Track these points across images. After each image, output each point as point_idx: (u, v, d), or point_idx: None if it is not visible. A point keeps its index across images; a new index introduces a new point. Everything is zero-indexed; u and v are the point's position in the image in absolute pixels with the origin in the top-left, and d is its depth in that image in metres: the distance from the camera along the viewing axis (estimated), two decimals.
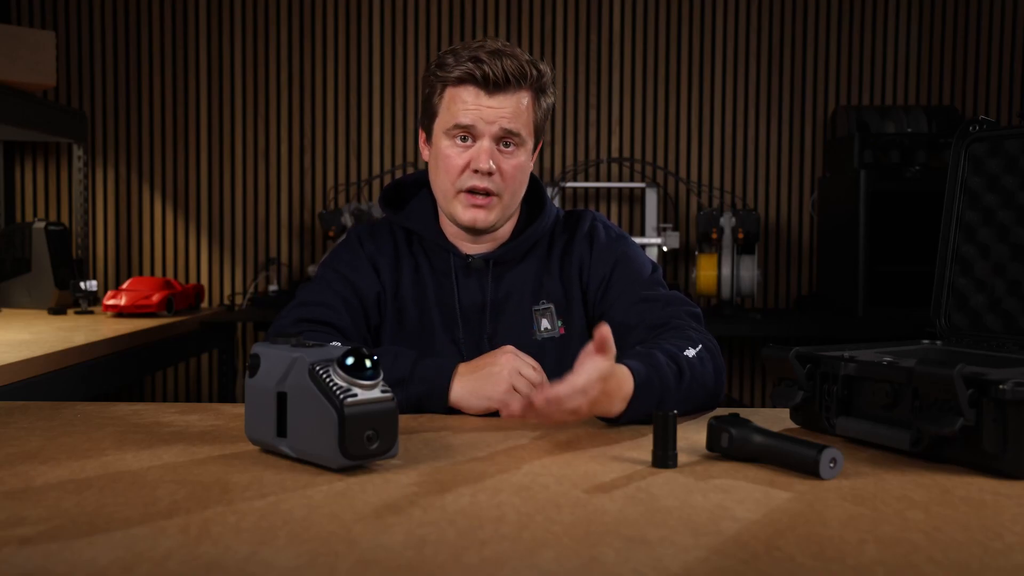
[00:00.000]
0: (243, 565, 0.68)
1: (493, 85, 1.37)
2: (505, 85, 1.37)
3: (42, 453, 1.03)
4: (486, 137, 1.39)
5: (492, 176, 1.39)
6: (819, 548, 0.72)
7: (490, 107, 1.38)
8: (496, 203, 1.42)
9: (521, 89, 1.39)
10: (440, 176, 1.43)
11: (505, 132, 1.39)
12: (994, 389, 0.91)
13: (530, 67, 1.39)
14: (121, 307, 2.77)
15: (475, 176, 1.39)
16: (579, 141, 3.70)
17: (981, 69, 3.72)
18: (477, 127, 1.38)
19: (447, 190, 1.42)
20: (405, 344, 1.46)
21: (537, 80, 1.41)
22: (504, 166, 1.40)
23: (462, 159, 1.40)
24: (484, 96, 1.38)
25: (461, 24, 3.66)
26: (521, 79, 1.38)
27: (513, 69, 1.37)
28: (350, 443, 0.92)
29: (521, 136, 1.40)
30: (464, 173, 1.40)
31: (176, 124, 3.66)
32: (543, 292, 1.48)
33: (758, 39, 3.70)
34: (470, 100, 1.38)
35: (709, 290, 3.29)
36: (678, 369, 1.23)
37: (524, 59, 1.39)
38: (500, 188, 1.41)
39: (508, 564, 0.69)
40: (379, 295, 1.48)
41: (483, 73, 1.36)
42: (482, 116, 1.38)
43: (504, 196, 1.42)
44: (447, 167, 1.41)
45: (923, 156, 3.27)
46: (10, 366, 1.78)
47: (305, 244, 3.69)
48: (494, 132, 1.38)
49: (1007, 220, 1.27)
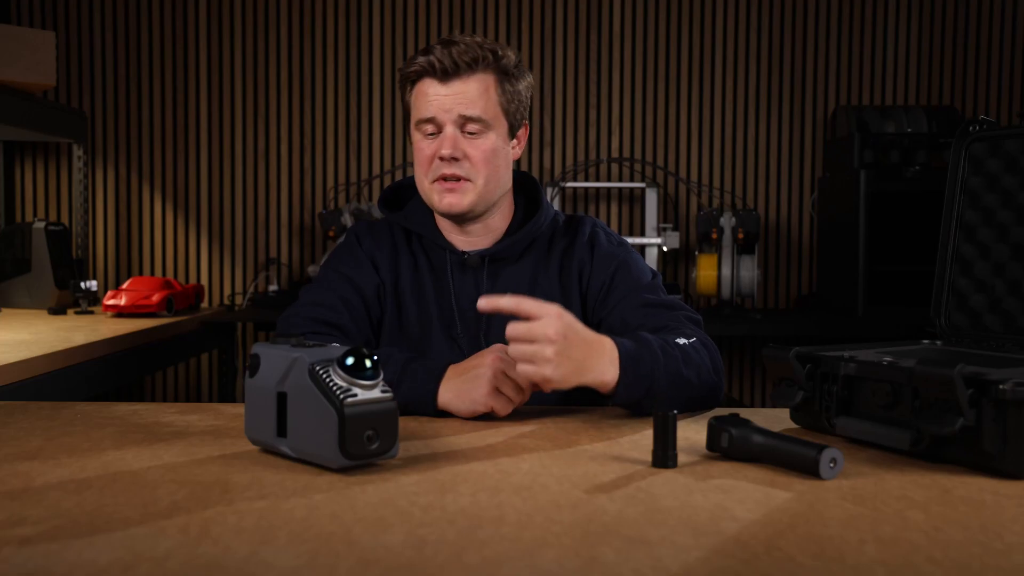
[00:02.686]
0: (243, 565, 0.68)
1: (443, 73, 1.40)
2: (455, 71, 1.40)
3: (42, 453, 1.03)
4: (448, 125, 1.42)
5: (459, 162, 1.42)
6: (819, 548, 0.72)
7: (446, 95, 1.41)
8: (469, 187, 1.43)
9: (476, 73, 1.41)
10: (416, 170, 1.47)
11: (464, 118, 1.41)
12: (994, 389, 0.91)
13: (483, 51, 1.41)
14: (121, 307, 2.77)
15: (442, 164, 1.42)
16: (579, 141, 3.70)
17: (981, 69, 3.72)
18: (438, 117, 1.41)
19: (422, 182, 1.46)
20: (404, 340, 1.47)
21: (495, 62, 1.42)
22: (470, 151, 1.42)
23: (430, 150, 1.43)
24: (439, 85, 1.41)
25: (461, 24, 3.66)
26: (473, 63, 1.41)
27: (463, 54, 1.40)
28: (350, 443, 0.92)
29: (484, 120, 1.42)
30: (433, 163, 1.43)
31: (176, 124, 3.66)
32: (539, 291, 1.48)
33: (758, 39, 3.70)
34: (429, 92, 1.42)
35: (709, 290, 3.28)
36: (667, 350, 1.24)
37: (479, 44, 1.42)
38: (470, 173, 1.43)
39: (508, 564, 0.69)
40: (379, 288, 1.50)
41: (431, 63, 1.40)
42: (440, 105, 1.41)
43: (477, 180, 1.43)
44: (420, 160, 1.45)
45: (923, 156, 3.27)
46: (10, 366, 1.78)
47: (305, 244, 3.69)
48: (453, 119, 1.41)
49: (1007, 220, 1.27)
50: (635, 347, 1.21)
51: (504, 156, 1.46)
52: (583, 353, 1.14)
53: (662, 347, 1.24)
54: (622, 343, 1.21)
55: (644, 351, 1.21)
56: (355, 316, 1.46)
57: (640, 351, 1.21)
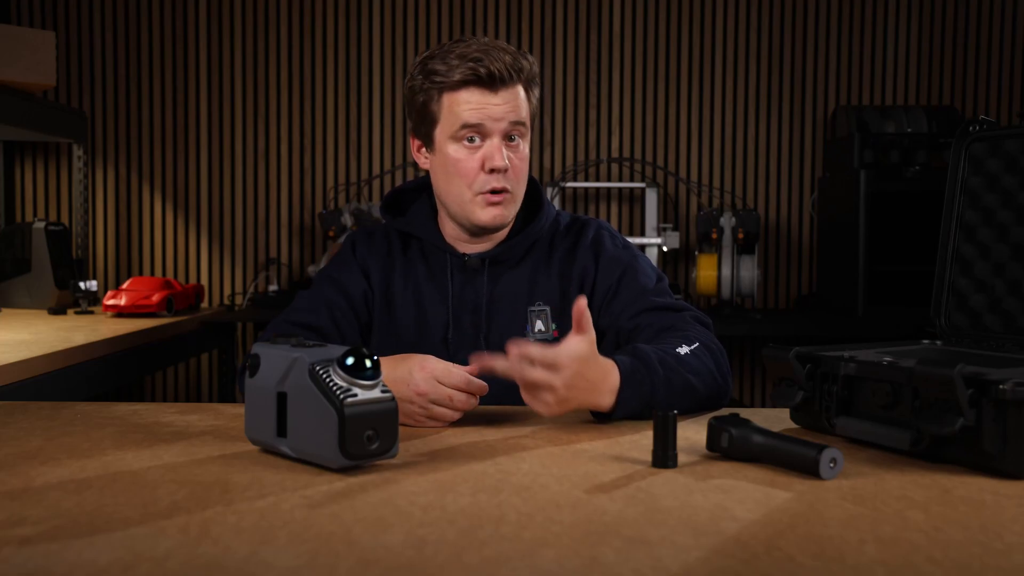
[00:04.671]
0: (243, 565, 0.68)
1: (498, 81, 1.38)
2: (505, 80, 1.39)
3: (42, 453, 1.03)
4: (495, 135, 1.39)
5: (505, 173, 1.41)
6: (819, 548, 0.72)
7: (496, 104, 1.39)
8: (510, 199, 1.43)
9: (517, 82, 1.41)
10: (454, 181, 1.42)
11: (512, 126, 1.40)
12: (994, 389, 0.91)
13: (517, 59, 1.41)
14: (121, 307, 2.77)
15: (492, 177, 1.40)
16: (579, 141, 3.70)
17: (981, 69, 3.72)
18: (485, 125, 1.39)
19: (462, 194, 1.42)
20: (396, 346, 1.46)
21: (529, 71, 1.43)
22: (514, 160, 1.41)
23: (475, 160, 1.40)
24: (489, 94, 1.38)
25: (461, 24, 3.66)
26: (518, 73, 1.40)
27: (511, 64, 1.39)
28: (350, 443, 0.92)
29: (526, 126, 1.43)
30: (480, 175, 1.40)
31: (176, 124, 3.66)
32: (539, 294, 1.48)
33: (758, 39, 3.70)
34: (474, 100, 1.38)
35: (709, 290, 3.28)
36: (668, 362, 1.22)
37: (514, 52, 1.41)
38: (512, 183, 1.43)
39: (508, 564, 0.69)
40: (365, 293, 1.50)
41: (487, 71, 1.37)
42: (489, 114, 1.38)
43: (517, 191, 1.44)
44: (462, 171, 1.41)
45: (923, 156, 3.27)
46: (10, 366, 1.78)
47: (305, 244, 3.69)
48: (503, 128, 1.39)
49: (1007, 220, 1.26)
50: (631, 369, 1.18)
51: (528, 163, 1.47)
52: (584, 394, 1.13)
53: (661, 360, 1.22)
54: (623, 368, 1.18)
55: (641, 370, 1.19)
56: (337, 318, 1.46)
57: (636, 371, 1.18)
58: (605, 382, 1.15)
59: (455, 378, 1.17)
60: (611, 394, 1.16)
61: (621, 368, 1.17)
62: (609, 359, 1.17)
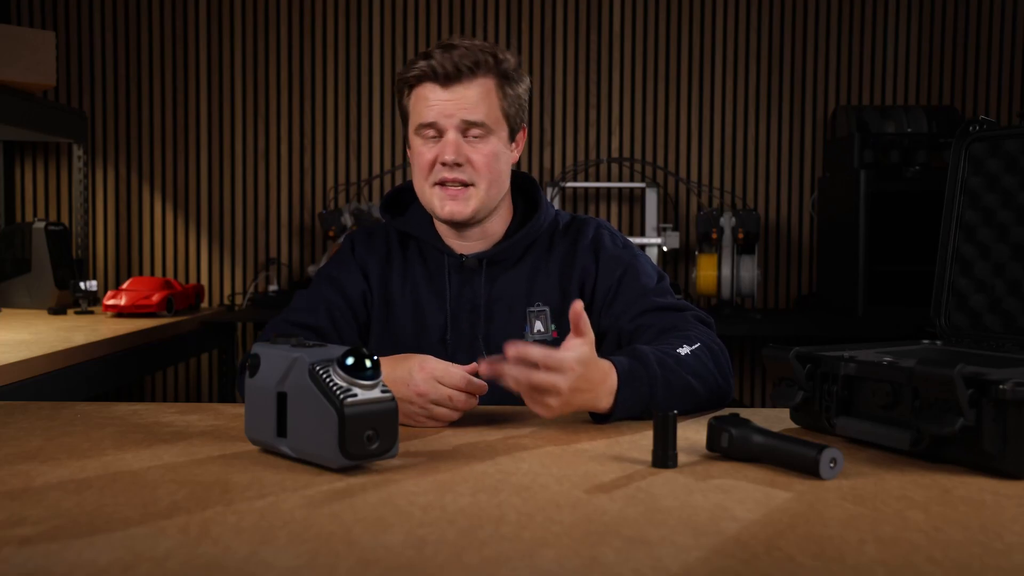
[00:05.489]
0: (243, 565, 0.68)
1: (445, 78, 1.39)
2: (458, 76, 1.39)
3: (42, 453, 1.03)
4: (450, 130, 1.41)
5: (462, 167, 1.41)
6: (819, 548, 0.72)
7: (447, 100, 1.40)
8: (472, 193, 1.43)
9: (477, 77, 1.40)
10: (417, 175, 1.46)
11: (466, 123, 1.41)
12: (994, 389, 0.91)
13: (484, 55, 1.40)
14: (121, 307, 2.77)
15: (443, 169, 1.42)
16: (579, 141, 3.70)
17: (981, 69, 3.72)
18: (439, 122, 1.41)
19: (422, 186, 1.45)
20: (394, 346, 1.46)
21: (496, 66, 1.42)
22: (473, 156, 1.41)
23: (431, 154, 1.42)
24: (440, 90, 1.40)
25: (461, 24, 3.66)
26: (475, 67, 1.40)
27: (464, 58, 1.39)
28: (350, 443, 0.92)
29: (486, 125, 1.42)
30: (434, 167, 1.42)
31: (176, 124, 3.66)
32: (539, 294, 1.48)
33: (758, 39, 3.70)
34: (430, 96, 1.41)
35: (709, 290, 3.28)
36: (667, 363, 1.22)
37: (479, 48, 1.41)
38: (473, 178, 1.42)
39: (508, 564, 0.69)
40: (364, 294, 1.50)
41: (432, 67, 1.39)
42: (441, 110, 1.40)
43: (480, 185, 1.43)
44: (419, 164, 1.44)
45: (923, 156, 3.27)
46: (10, 366, 1.78)
47: (305, 244, 3.69)
48: (456, 124, 1.41)
49: (1007, 220, 1.26)
50: (630, 370, 1.18)
51: (505, 160, 1.46)
52: (584, 396, 1.14)
53: (660, 361, 1.22)
54: (621, 369, 1.18)
55: (640, 371, 1.19)
56: (335, 318, 1.47)
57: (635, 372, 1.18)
58: (604, 384, 1.15)
59: (455, 378, 1.17)
60: (609, 395, 1.16)
61: (619, 369, 1.17)
62: (607, 360, 1.18)
